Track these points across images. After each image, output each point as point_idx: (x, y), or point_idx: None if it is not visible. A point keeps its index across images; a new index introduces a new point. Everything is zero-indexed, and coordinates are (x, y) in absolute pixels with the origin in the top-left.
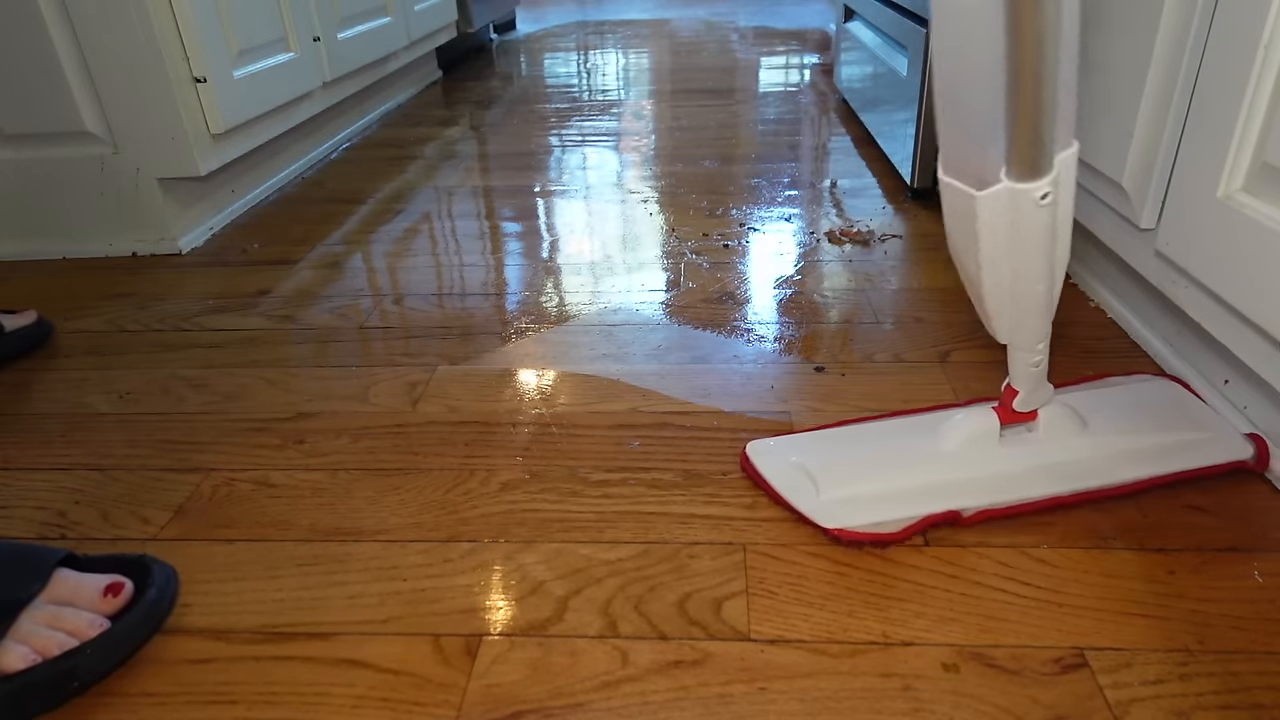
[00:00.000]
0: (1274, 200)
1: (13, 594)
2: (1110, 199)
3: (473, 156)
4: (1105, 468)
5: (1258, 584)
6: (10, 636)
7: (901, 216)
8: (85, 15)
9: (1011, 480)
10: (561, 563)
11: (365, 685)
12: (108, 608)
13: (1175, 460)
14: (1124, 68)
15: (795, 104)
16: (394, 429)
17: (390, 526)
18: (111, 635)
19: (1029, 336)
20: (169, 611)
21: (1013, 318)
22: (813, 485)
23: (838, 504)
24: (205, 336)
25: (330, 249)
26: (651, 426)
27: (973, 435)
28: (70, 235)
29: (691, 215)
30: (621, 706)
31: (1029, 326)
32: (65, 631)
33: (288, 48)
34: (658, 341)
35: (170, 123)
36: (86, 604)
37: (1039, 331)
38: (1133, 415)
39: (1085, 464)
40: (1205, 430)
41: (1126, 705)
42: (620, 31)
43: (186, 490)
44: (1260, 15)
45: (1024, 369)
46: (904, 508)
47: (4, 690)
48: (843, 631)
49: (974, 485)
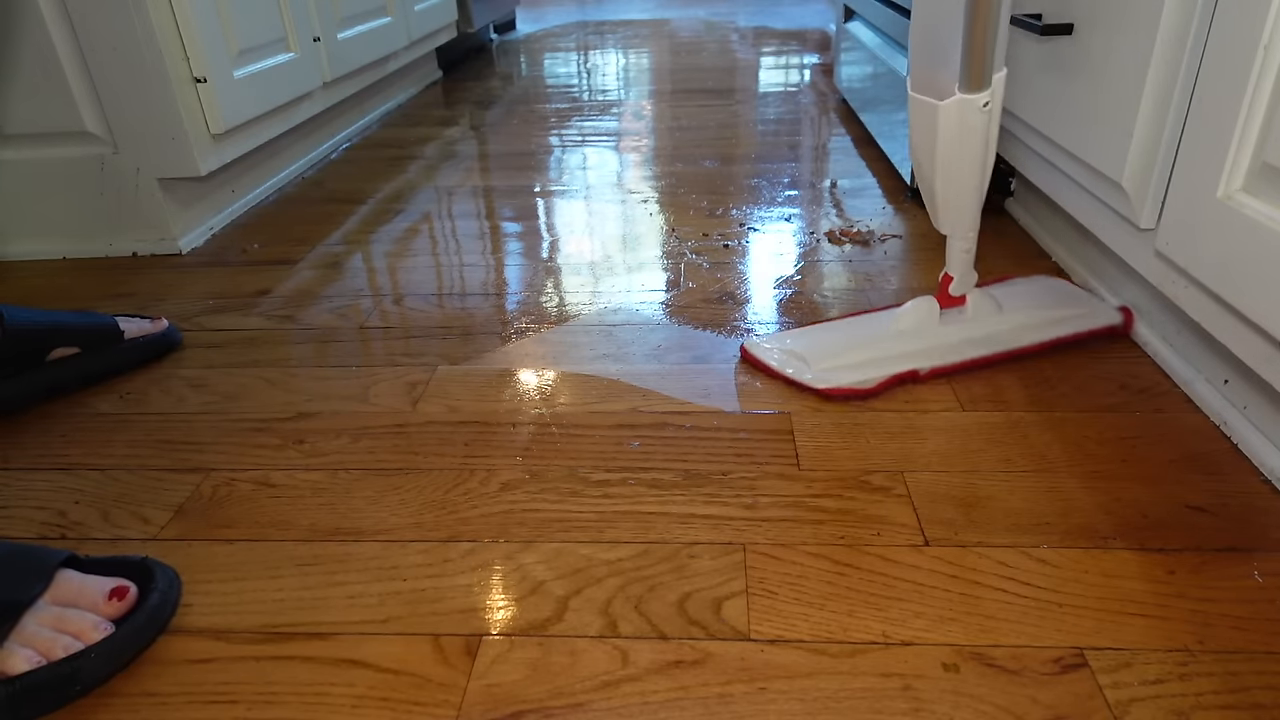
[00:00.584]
0: (1274, 200)
1: (15, 595)
2: (1110, 199)
3: (473, 156)
4: (1018, 335)
5: (1258, 584)
6: (13, 639)
7: (901, 216)
8: (85, 15)
9: (951, 348)
10: (561, 563)
11: (365, 685)
12: (112, 611)
13: (1066, 327)
14: (1124, 67)
15: (795, 104)
16: (394, 429)
17: (390, 526)
18: (115, 639)
19: (965, 224)
20: (172, 616)
21: (955, 208)
22: (804, 363)
23: (824, 372)
24: (205, 336)
25: (330, 249)
26: (651, 426)
27: (920, 316)
28: (70, 235)
29: (691, 215)
30: (621, 706)
31: (966, 214)
32: (69, 634)
33: (288, 48)
34: (658, 341)
35: (170, 123)
36: (90, 606)
37: (972, 219)
38: (1034, 300)
39: (1004, 334)
40: (1086, 307)
41: (1126, 705)
42: (620, 31)
43: (186, 490)
44: (1260, 15)
45: (959, 256)
46: (876, 370)
47: (6, 692)
48: (843, 631)
49: (925, 352)
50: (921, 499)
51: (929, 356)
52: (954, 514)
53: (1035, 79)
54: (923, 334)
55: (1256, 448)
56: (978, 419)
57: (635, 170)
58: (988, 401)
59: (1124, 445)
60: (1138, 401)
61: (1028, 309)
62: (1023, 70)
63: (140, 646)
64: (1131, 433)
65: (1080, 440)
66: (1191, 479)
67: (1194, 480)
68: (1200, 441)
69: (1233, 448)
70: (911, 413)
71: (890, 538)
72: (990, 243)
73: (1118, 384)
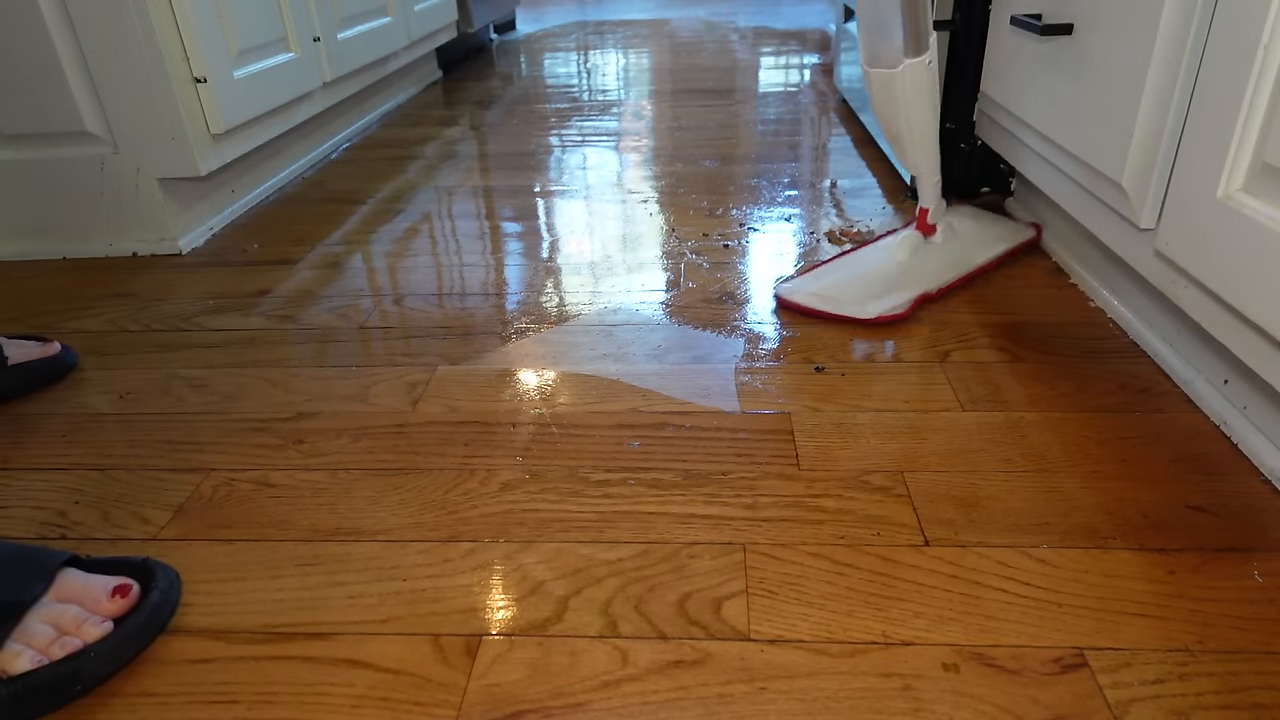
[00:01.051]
0: (1274, 200)
1: (17, 595)
2: (1110, 199)
3: (473, 156)
4: (975, 254)
5: (1258, 584)
6: (14, 638)
7: (901, 216)
8: (85, 15)
9: (941, 271)
10: (561, 563)
11: (365, 685)
12: (113, 609)
13: (1003, 245)
14: (1124, 67)
15: (795, 104)
16: (394, 429)
17: (390, 526)
18: (116, 638)
19: (930, 163)
20: (172, 614)
21: (922, 149)
22: (836, 301)
23: (859, 305)
24: (205, 336)
25: (330, 249)
26: (651, 426)
27: (914, 247)
28: (70, 235)
29: (691, 215)
30: (621, 706)
31: (929, 155)
32: (70, 634)
33: (288, 48)
34: (658, 341)
35: (170, 123)
36: (92, 605)
37: (934, 158)
38: (972, 222)
39: (967, 255)
40: (1008, 226)
41: (1126, 705)
42: (620, 31)
43: (186, 490)
44: (1260, 15)
45: (930, 190)
46: (899, 297)
47: (7, 692)
48: (843, 631)
49: (927, 277)
50: (921, 499)
51: (931, 280)
52: (954, 514)
53: (1035, 79)
54: (918, 262)
55: (1256, 448)
56: (978, 419)
57: (635, 170)
58: (988, 401)
59: (1124, 445)
60: (1138, 401)
61: (971, 231)
62: (1023, 70)
63: (141, 645)
64: (1131, 433)
65: (1080, 440)
66: (1191, 479)
67: (1194, 480)
68: (1200, 441)
69: (1233, 448)
70: (911, 413)
71: (890, 538)
72: None
73: (1118, 384)
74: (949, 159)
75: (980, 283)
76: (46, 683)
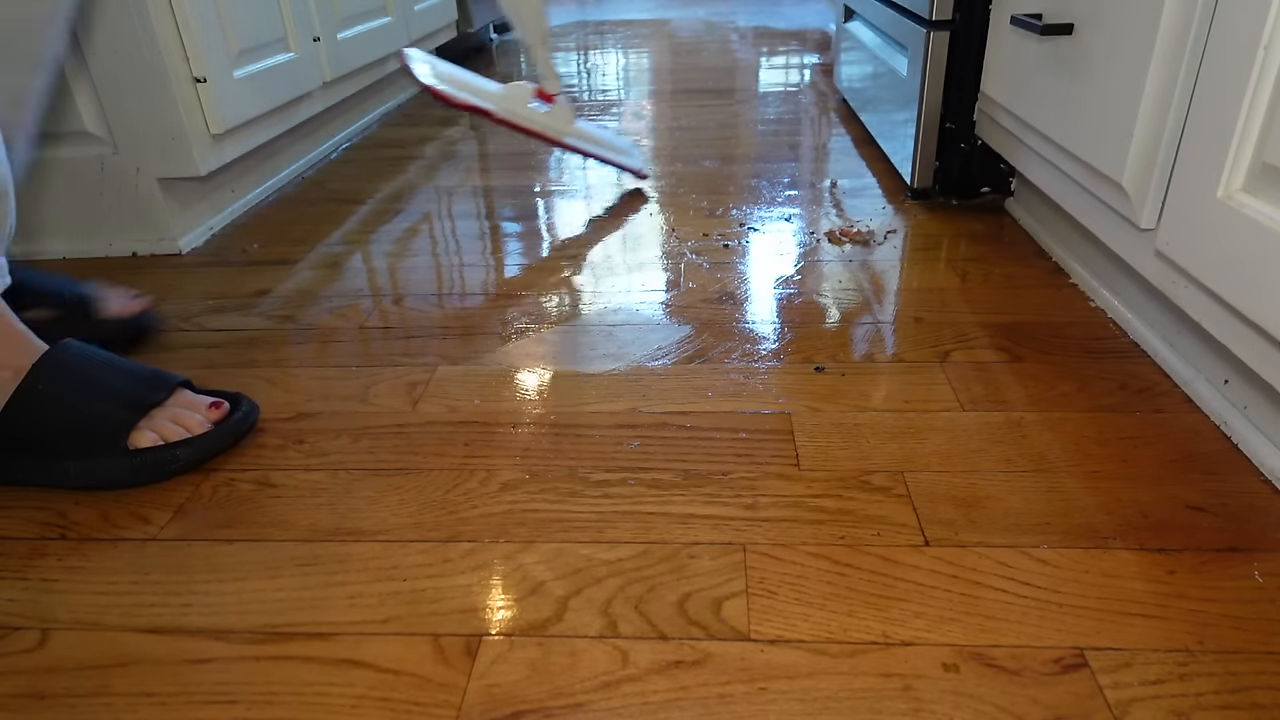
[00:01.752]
0: (1274, 200)
1: (150, 398)
2: (1110, 199)
3: (473, 156)
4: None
5: (1258, 584)
6: (142, 425)
7: (901, 216)
8: (85, 15)
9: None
10: (561, 563)
11: (365, 685)
12: (212, 416)
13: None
14: (1124, 67)
15: (795, 104)
16: (394, 429)
17: (390, 526)
18: (210, 436)
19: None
20: (250, 430)
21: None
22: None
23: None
24: (205, 336)
25: (330, 249)
26: (651, 426)
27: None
28: (70, 235)
29: (691, 215)
30: (621, 706)
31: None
32: (182, 426)
33: (288, 48)
34: (658, 341)
35: (170, 123)
36: (197, 411)
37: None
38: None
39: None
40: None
41: (1126, 705)
42: (620, 31)
43: (186, 490)
44: (1260, 16)
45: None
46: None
47: (131, 462)
48: (843, 631)
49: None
50: (921, 499)
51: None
52: (954, 514)
53: (1035, 79)
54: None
55: (1256, 448)
56: (978, 419)
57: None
58: (988, 401)
59: (1124, 445)
60: (1138, 401)
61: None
62: (1023, 70)
63: (224, 446)
64: (1131, 433)
65: (1080, 440)
66: (1191, 479)
67: (1194, 480)
68: (1200, 441)
69: (1233, 448)
70: (911, 413)
71: (890, 538)
72: (991, 243)
73: (1118, 384)
74: (949, 159)
75: (980, 282)
76: (157, 459)
